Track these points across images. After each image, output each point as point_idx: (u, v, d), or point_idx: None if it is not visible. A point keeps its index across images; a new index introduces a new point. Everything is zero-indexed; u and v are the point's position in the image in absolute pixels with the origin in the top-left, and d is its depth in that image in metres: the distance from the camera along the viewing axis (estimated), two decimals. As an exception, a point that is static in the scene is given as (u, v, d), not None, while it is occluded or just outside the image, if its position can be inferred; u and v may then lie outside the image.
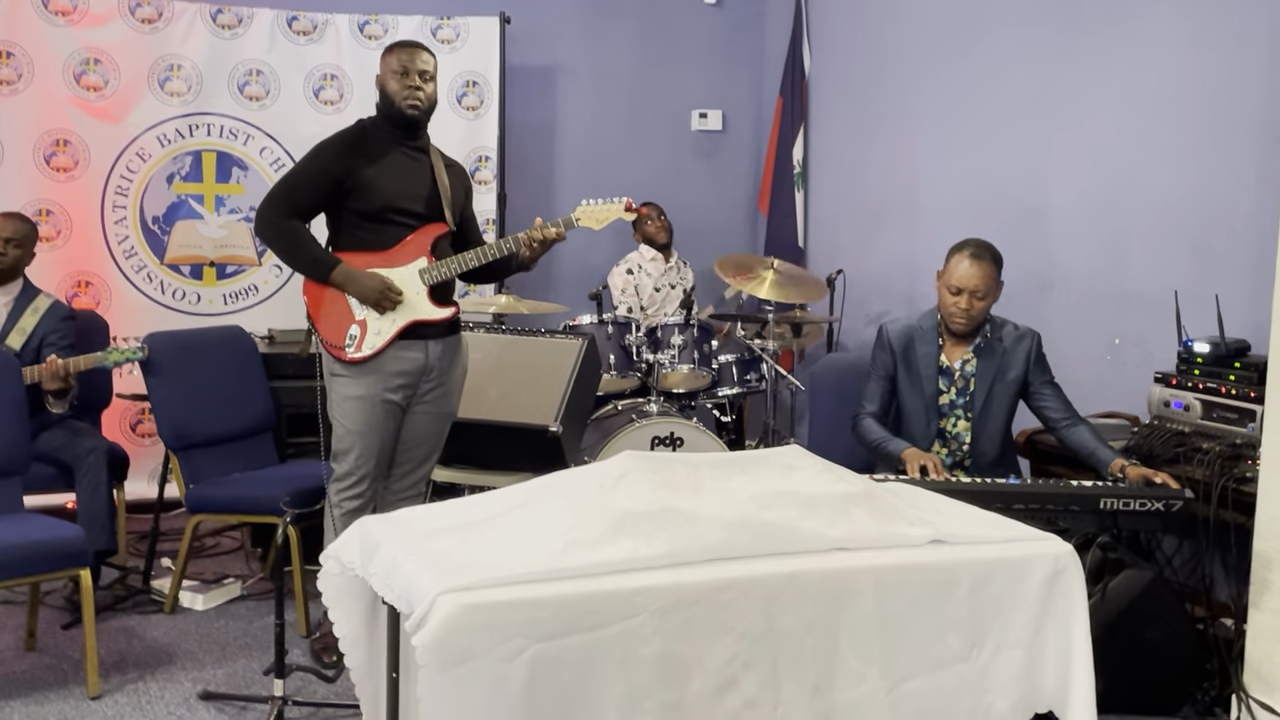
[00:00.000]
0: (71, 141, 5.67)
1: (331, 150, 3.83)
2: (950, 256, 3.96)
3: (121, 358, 4.45)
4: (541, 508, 2.47)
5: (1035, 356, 4.01)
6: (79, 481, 4.37)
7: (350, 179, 3.77)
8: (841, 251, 6.51)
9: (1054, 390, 4.00)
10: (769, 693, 2.31)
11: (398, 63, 3.81)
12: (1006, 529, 2.65)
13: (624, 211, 3.94)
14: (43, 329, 4.57)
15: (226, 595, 4.62)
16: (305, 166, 3.86)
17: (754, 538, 2.38)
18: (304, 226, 3.84)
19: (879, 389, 4.10)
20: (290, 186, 3.84)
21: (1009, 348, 4.00)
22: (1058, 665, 2.56)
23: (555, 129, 6.94)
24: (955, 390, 4.02)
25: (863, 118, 6.44)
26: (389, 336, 3.81)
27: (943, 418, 4.03)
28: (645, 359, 5.44)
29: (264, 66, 5.96)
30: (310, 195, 3.81)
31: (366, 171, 3.78)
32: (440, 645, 2.06)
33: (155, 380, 4.52)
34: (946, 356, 4.03)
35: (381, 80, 3.87)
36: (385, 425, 3.88)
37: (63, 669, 3.90)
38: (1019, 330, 4.03)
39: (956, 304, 3.90)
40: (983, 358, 4.00)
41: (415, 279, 3.84)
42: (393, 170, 3.83)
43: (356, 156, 3.80)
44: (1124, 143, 4.71)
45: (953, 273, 3.91)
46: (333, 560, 2.56)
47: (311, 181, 3.80)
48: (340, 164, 3.78)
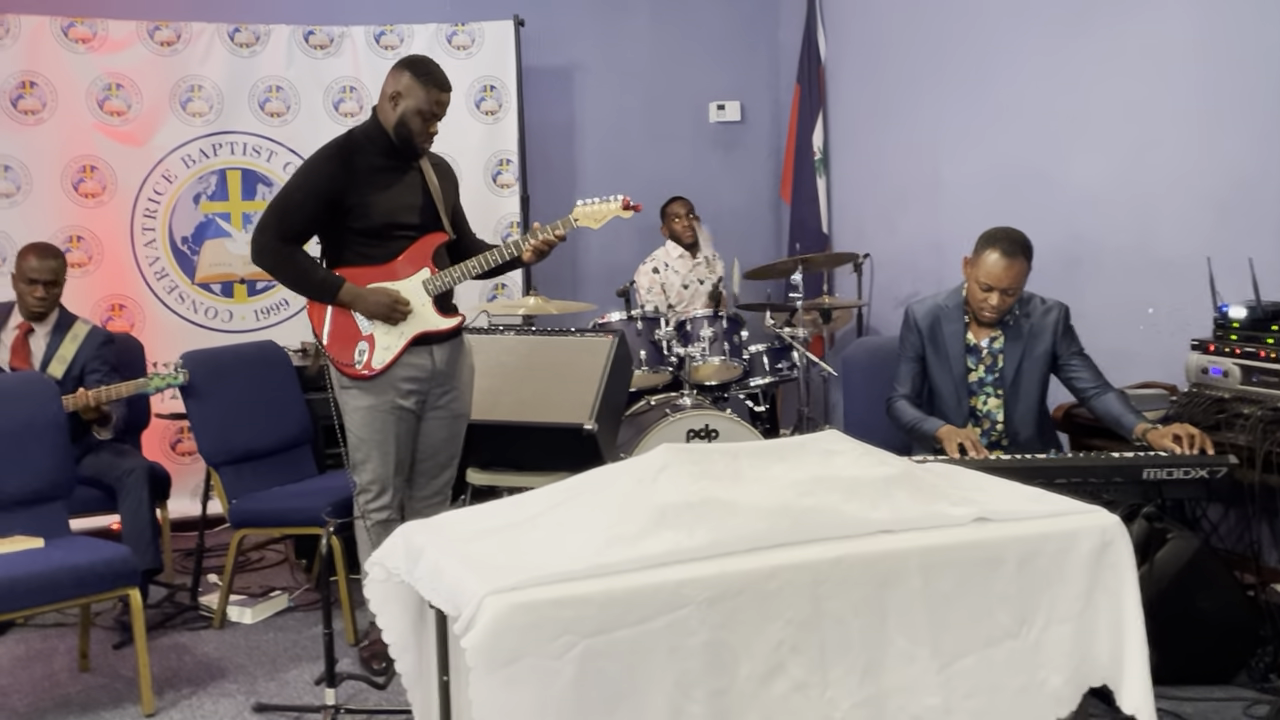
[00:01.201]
0: (98, 167, 5.73)
1: (321, 170, 3.77)
2: (982, 249, 3.87)
3: (163, 384, 4.48)
4: (582, 505, 2.48)
5: (1063, 329, 3.98)
6: (121, 502, 4.41)
7: (345, 199, 3.73)
8: (867, 235, 6.49)
9: (1083, 360, 3.97)
10: (817, 676, 2.30)
11: (429, 103, 3.73)
12: (1051, 503, 2.63)
13: (621, 209, 3.89)
14: (83, 356, 4.61)
15: (274, 608, 4.66)
16: (295, 189, 3.81)
17: (796, 524, 2.38)
18: (302, 251, 3.81)
19: (910, 370, 4.08)
20: (282, 211, 3.79)
21: (1036, 322, 3.96)
22: (1110, 638, 2.54)
23: (574, 128, 6.95)
24: (984, 368, 3.99)
25: (881, 100, 6.42)
26: (398, 350, 3.81)
27: (973, 395, 4.00)
28: (676, 353, 5.44)
29: (283, 82, 6.00)
30: (303, 219, 3.77)
31: (360, 190, 3.74)
32: (489, 646, 2.07)
33: (193, 399, 4.56)
34: (974, 335, 4.00)
35: (396, 100, 3.76)
36: (400, 432, 3.88)
37: (116, 688, 3.93)
38: (1046, 304, 4.00)
39: (986, 300, 3.86)
40: (1011, 334, 3.97)
41: (419, 290, 3.84)
42: (386, 185, 3.79)
43: (348, 175, 3.74)
44: (1147, 109, 4.67)
45: (984, 268, 3.84)
46: (378, 567, 2.57)
47: (303, 205, 3.76)
48: (332, 184, 3.73)
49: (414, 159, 3.86)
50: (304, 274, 3.82)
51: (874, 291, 6.11)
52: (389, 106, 3.78)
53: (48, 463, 3.95)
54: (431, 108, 3.75)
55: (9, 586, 3.46)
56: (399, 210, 3.81)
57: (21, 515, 3.88)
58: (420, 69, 3.76)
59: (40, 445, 3.95)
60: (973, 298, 3.92)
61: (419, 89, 3.73)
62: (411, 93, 3.74)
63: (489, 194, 6.34)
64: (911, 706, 2.38)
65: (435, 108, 3.76)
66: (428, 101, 3.74)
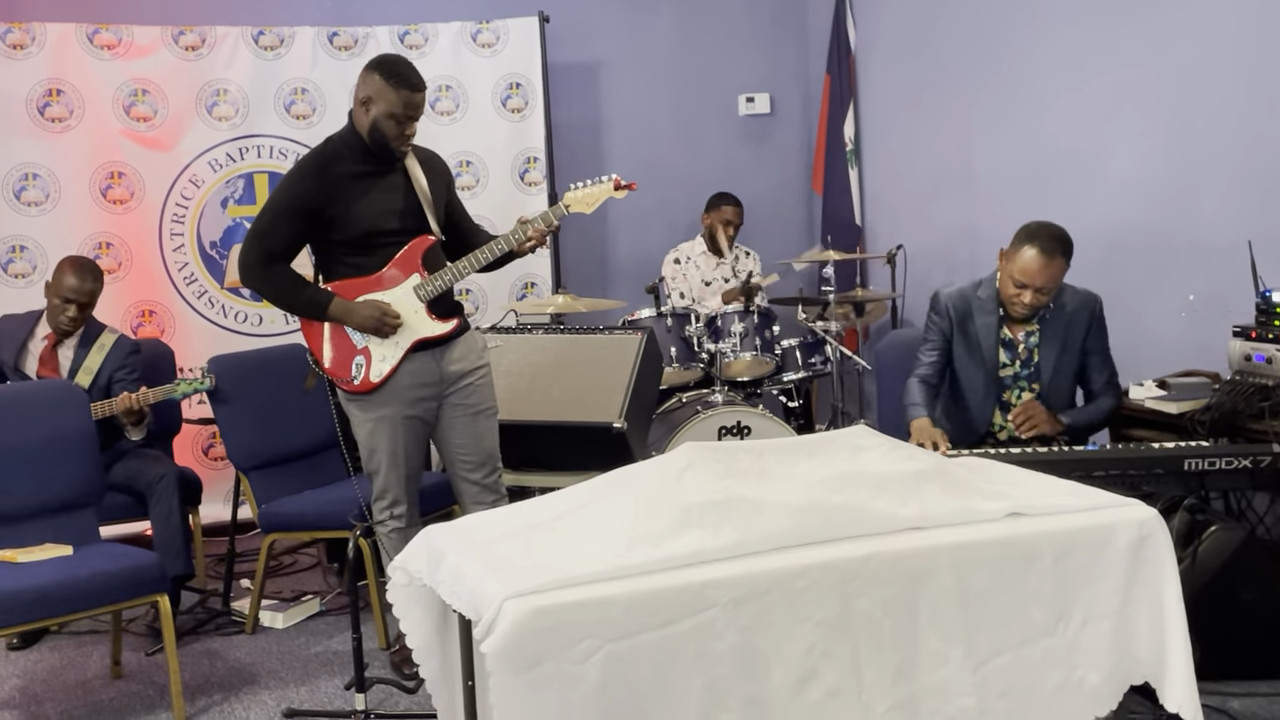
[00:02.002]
0: (126, 173, 5.73)
1: (295, 187, 3.69)
2: (1019, 244, 3.76)
3: (190, 389, 4.48)
4: (604, 506, 2.44)
5: (1096, 324, 3.89)
6: (152, 509, 4.41)
7: (324, 211, 3.66)
8: (901, 226, 6.40)
9: (1103, 360, 3.90)
10: (851, 680, 2.25)
11: (400, 105, 3.59)
12: (1087, 497, 2.56)
13: (614, 190, 3.78)
14: (109, 366, 4.60)
15: (306, 612, 4.64)
16: (275, 205, 3.73)
17: (824, 522, 2.33)
18: (287, 269, 3.73)
19: (935, 354, 3.99)
20: (264, 231, 3.71)
21: (1071, 314, 3.87)
22: (1151, 635, 2.48)
23: (601, 125, 6.91)
24: (1020, 363, 3.91)
25: (913, 89, 6.33)
26: (394, 362, 3.74)
27: (1006, 390, 3.92)
28: (707, 349, 5.38)
29: (308, 84, 5.98)
30: (286, 235, 3.70)
31: (339, 200, 3.66)
32: (510, 650, 2.03)
33: (221, 404, 4.55)
34: (1009, 328, 3.91)
35: (368, 105, 3.62)
36: (409, 442, 3.82)
37: (149, 695, 3.93)
38: (1079, 295, 3.90)
39: (1019, 296, 3.76)
40: (1047, 328, 3.88)
41: (411, 297, 3.76)
42: (366, 192, 3.69)
43: (326, 186, 3.65)
44: (1186, 92, 4.57)
45: (1019, 264, 3.74)
46: (400, 571, 2.55)
47: (284, 222, 3.69)
48: (310, 196, 3.65)
49: (394, 161, 3.75)
50: (290, 293, 3.75)
51: (907, 283, 6.02)
52: (361, 111, 3.65)
53: (76, 470, 3.95)
54: (405, 110, 3.61)
55: (38, 594, 3.45)
56: (380, 217, 3.71)
57: (51, 523, 3.87)
58: (389, 70, 3.62)
59: (69, 453, 3.94)
60: (1005, 291, 3.83)
61: (390, 91, 3.59)
62: (382, 96, 3.60)
63: (516, 192, 6.31)
64: (946, 708, 2.33)
65: (408, 109, 3.62)
66: (400, 104, 3.60)
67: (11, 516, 3.83)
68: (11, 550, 3.72)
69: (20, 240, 5.57)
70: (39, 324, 4.65)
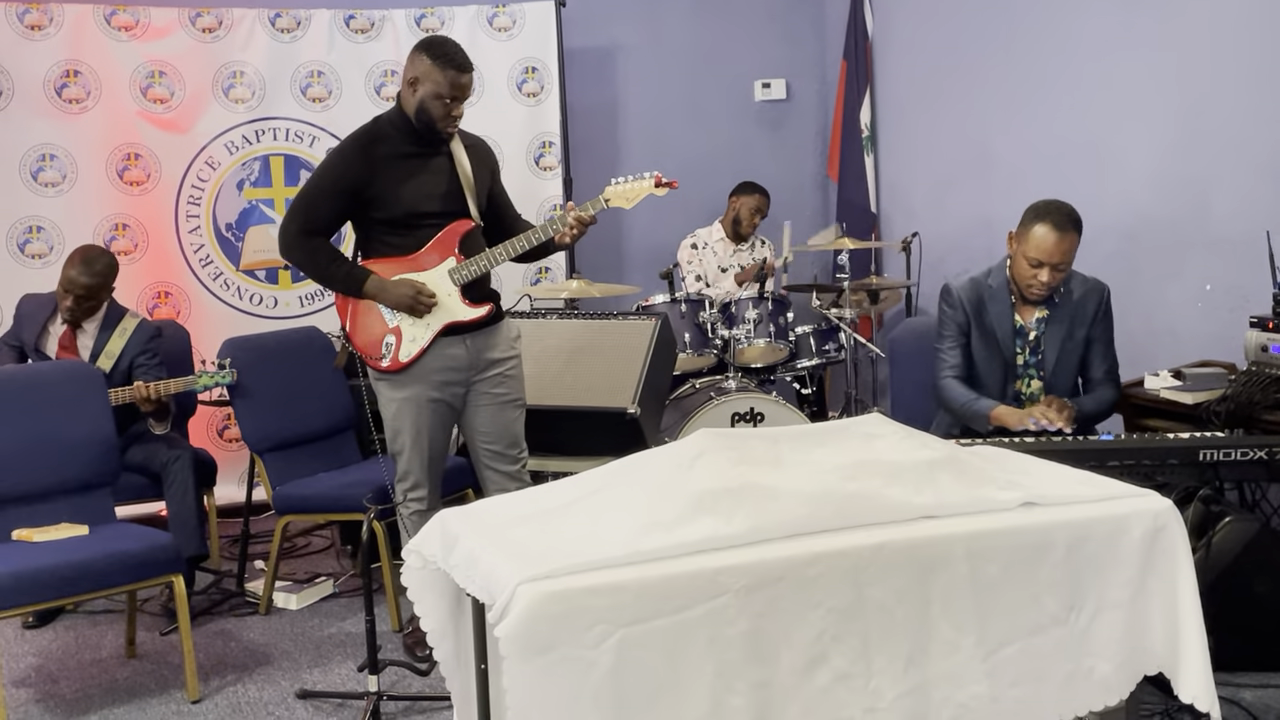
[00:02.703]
0: (142, 155, 5.75)
1: (344, 161, 3.72)
2: (1029, 223, 3.73)
3: (211, 382, 4.48)
4: (617, 491, 2.44)
5: (1103, 313, 3.86)
6: (167, 489, 4.43)
7: (366, 190, 3.67)
8: (916, 214, 6.39)
9: (1105, 350, 3.87)
10: (860, 666, 2.25)
11: (447, 85, 3.61)
12: (1101, 487, 2.55)
13: (654, 187, 3.79)
14: (131, 350, 4.61)
15: (319, 594, 4.66)
16: (319, 181, 3.77)
17: (838, 510, 2.33)
18: (326, 244, 3.76)
19: (956, 350, 3.93)
20: (306, 204, 3.74)
21: (1078, 301, 3.84)
22: (1164, 626, 2.47)
23: (617, 109, 6.90)
24: (1029, 350, 3.89)
25: (930, 76, 6.31)
26: (424, 343, 3.75)
27: (1018, 379, 3.90)
28: (720, 335, 5.38)
29: (324, 67, 5.98)
30: (328, 210, 3.73)
31: (382, 179, 3.68)
32: (523, 635, 2.03)
33: (237, 385, 4.56)
34: (1020, 315, 3.89)
35: (415, 85, 3.65)
36: (434, 426, 3.82)
37: (163, 674, 3.95)
38: (1087, 282, 3.87)
39: (1036, 276, 3.72)
40: (1055, 314, 3.85)
41: (445, 280, 3.76)
42: (410, 173, 3.72)
43: (370, 164, 3.67)
44: (1203, 80, 4.54)
45: (1032, 243, 3.70)
46: (415, 555, 2.55)
47: (327, 197, 3.71)
48: (354, 174, 3.67)
49: (440, 144, 3.78)
50: (326, 267, 3.77)
51: (922, 271, 6.01)
52: (409, 91, 3.67)
53: (92, 451, 3.97)
54: (451, 90, 3.63)
55: (54, 574, 3.49)
56: (421, 199, 3.73)
57: (67, 503, 3.90)
58: (437, 51, 3.64)
59: (85, 434, 3.97)
60: (1019, 274, 3.79)
61: (437, 72, 3.61)
62: (430, 76, 3.62)
63: (531, 177, 6.30)
64: (956, 695, 2.32)
65: (455, 90, 3.64)
66: (447, 84, 3.62)
67: (28, 496, 3.85)
68: (28, 530, 3.75)
69: (37, 221, 5.59)
70: (56, 306, 4.66)
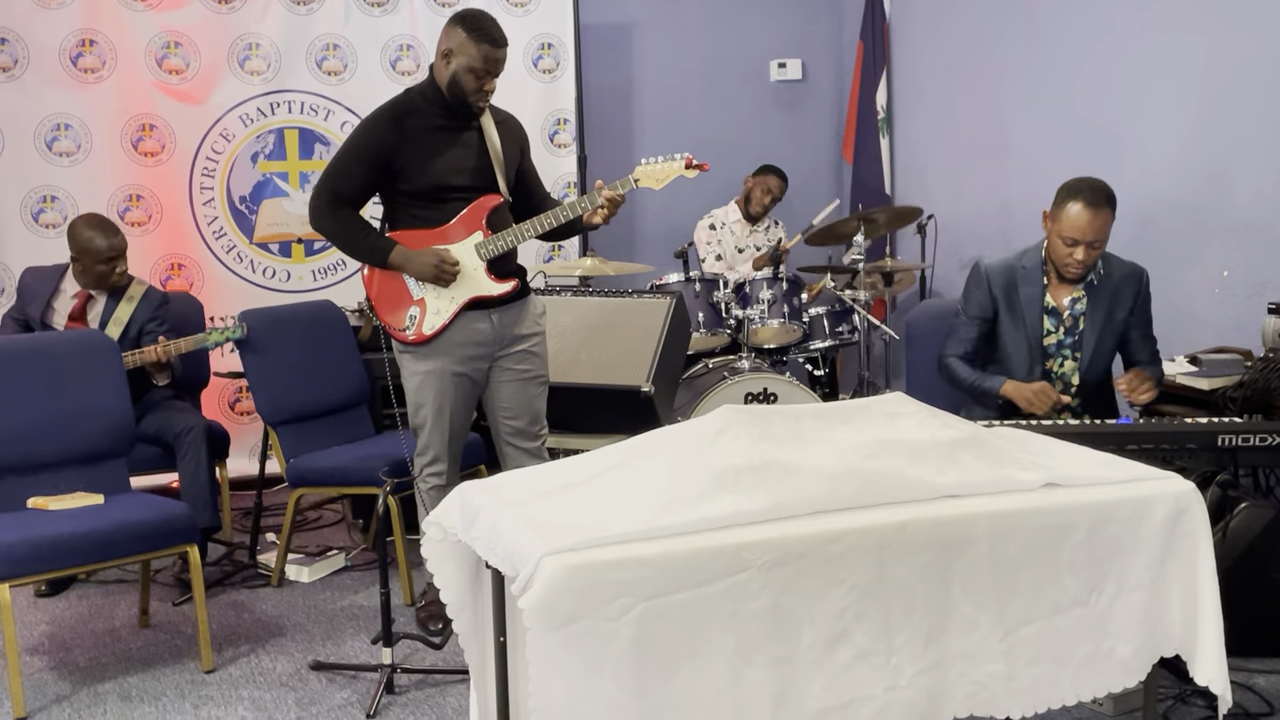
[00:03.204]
0: (157, 126, 5.73)
1: (371, 133, 3.71)
2: (1063, 201, 3.71)
3: (221, 338, 4.49)
4: (640, 467, 2.44)
5: (1142, 297, 3.86)
6: (179, 460, 4.43)
7: (395, 161, 3.67)
8: (931, 196, 6.37)
9: (1145, 336, 3.89)
10: (881, 644, 2.26)
11: (481, 59, 3.60)
12: (1123, 469, 2.55)
13: (684, 169, 3.73)
14: (140, 318, 4.61)
15: (331, 567, 4.67)
16: (348, 151, 3.75)
17: (860, 488, 2.33)
18: (354, 215, 3.75)
19: (972, 331, 3.93)
20: (335, 174, 3.74)
21: (1118, 285, 3.84)
22: (1183, 608, 2.47)
23: (633, 87, 6.87)
24: (1064, 330, 3.87)
25: (947, 57, 6.28)
26: (448, 316, 3.75)
27: (1050, 359, 3.89)
28: (734, 315, 5.38)
29: (340, 40, 5.96)
30: (357, 181, 3.72)
31: (411, 151, 3.67)
32: (547, 606, 2.04)
33: (251, 357, 4.56)
34: (1053, 296, 3.88)
35: (449, 58, 3.65)
36: (456, 401, 3.83)
37: (176, 644, 3.97)
38: (1126, 266, 3.87)
39: (1072, 255, 3.70)
40: (1094, 296, 3.84)
41: (472, 255, 3.75)
42: (439, 146, 3.71)
43: (400, 136, 3.67)
44: (1224, 63, 4.52)
45: (1067, 221, 3.68)
46: (435, 527, 2.55)
47: (356, 167, 3.71)
48: (384, 145, 3.67)
49: (471, 118, 3.77)
50: (353, 237, 3.76)
51: (937, 254, 5.99)
52: (442, 64, 3.67)
53: (108, 420, 3.97)
54: (485, 65, 3.62)
55: (70, 542, 3.49)
56: (450, 172, 3.72)
57: (82, 472, 3.90)
58: (473, 24, 3.63)
59: (100, 403, 3.97)
60: (1056, 253, 3.77)
61: (471, 45, 3.61)
62: (464, 49, 3.61)
63: (546, 154, 6.28)
64: (972, 673, 2.33)
65: (489, 65, 3.63)
66: (481, 58, 3.61)
67: (44, 465, 3.85)
68: (44, 498, 3.75)
69: (51, 190, 5.58)
70: (64, 279, 4.65)
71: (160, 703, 3.52)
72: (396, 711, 3.40)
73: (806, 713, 2.19)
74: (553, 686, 2.06)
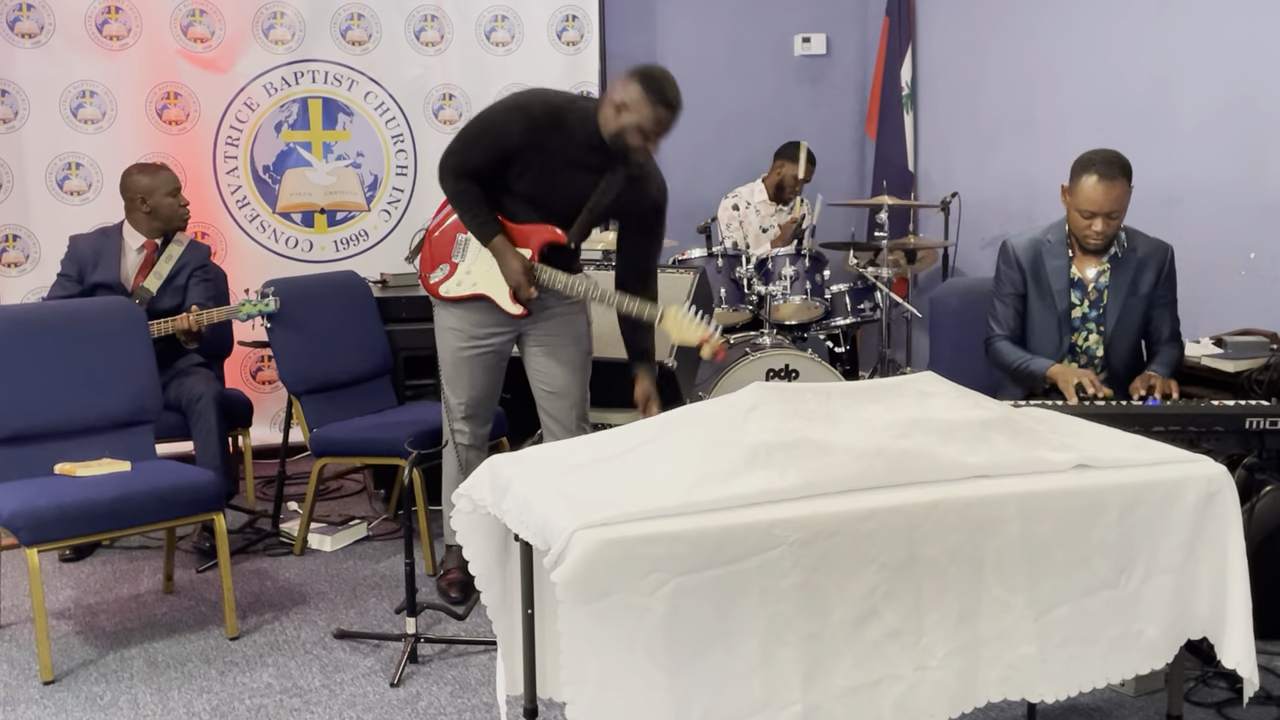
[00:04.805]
0: (182, 94, 5.73)
1: (508, 122, 3.66)
2: (1078, 175, 3.73)
3: (254, 310, 4.48)
4: (671, 442, 2.45)
5: (1167, 273, 3.85)
6: (192, 427, 4.43)
7: (515, 161, 3.66)
8: (955, 173, 6.34)
9: (1168, 312, 3.86)
10: (912, 623, 2.26)
11: (653, 122, 3.53)
12: (1154, 451, 2.55)
13: (702, 345, 3.61)
14: (189, 263, 4.65)
15: (353, 536, 4.70)
16: (479, 128, 3.73)
17: (892, 467, 2.33)
18: (474, 189, 3.72)
19: (1010, 310, 3.93)
20: (463, 148, 3.73)
21: (1143, 260, 3.83)
22: (1212, 591, 2.47)
23: (656, 60, 6.79)
24: (1088, 303, 3.86)
25: (973, 33, 6.24)
26: (461, 294, 3.84)
27: (1074, 332, 3.88)
28: (756, 291, 5.37)
29: (365, 10, 5.94)
30: (480, 160, 3.69)
31: (534, 161, 3.66)
32: (580, 580, 2.05)
33: (276, 326, 4.56)
34: (1078, 268, 3.87)
35: (620, 110, 3.54)
36: (474, 368, 3.89)
37: (201, 611, 4.00)
38: (1151, 242, 3.86)
39: (1090, 226, 3.72)
40: (1118, 269, 3.83)
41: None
42: (561, 173, 3.69)
43: (532, 143, 3.64)
44: (1258, 38, 4.47)
45: (1082, 194, 3.70)
46: (464, 499, 2.57)
47: (476, 150, 3.69)
48: (509, 142, 3.63)
49: (609, 162, 3.69)
50: (467, 210, 3.76)
51: (960, 232, 5.97)
52: (612, 113, 3.57)
53: (134, 387, 3.99)
54: (655, 127, 3.55)
55: (98, 508, 3.51)
56: (551, 196, 3.72)
57: (109, 439, 3.92)
58: (653, 86, 3.52)
59: (127, 369, 3.98)
60: (1075, 226, 3.79)
61: (646, 106, 3.51)
62: (638, 108, 3.52)
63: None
64: (1006, 655, 2.34)
65: (659, 127, 3.56)
66: (653, 120, 3.53)
67: (71, 431, 3.87)
68: (71, 464, 3.78)
69: (76, 157, 5.59)
70: (125, 237, 4.67)
71: (186, 668, 3.55)
72: (420, 680, 3.42)
73: (835, 690, 2.20)
74: (585, 660, 2.07)
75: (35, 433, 3.82)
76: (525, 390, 4.08)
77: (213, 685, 3.44)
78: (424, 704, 3.29)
